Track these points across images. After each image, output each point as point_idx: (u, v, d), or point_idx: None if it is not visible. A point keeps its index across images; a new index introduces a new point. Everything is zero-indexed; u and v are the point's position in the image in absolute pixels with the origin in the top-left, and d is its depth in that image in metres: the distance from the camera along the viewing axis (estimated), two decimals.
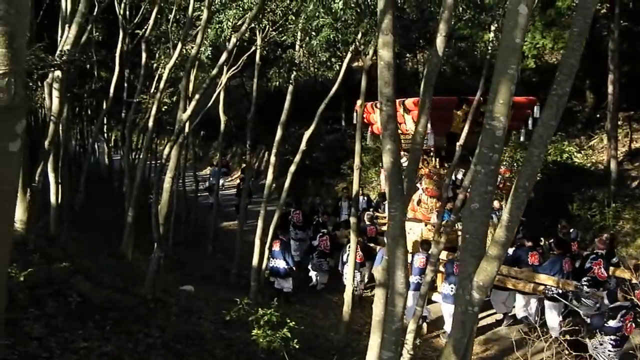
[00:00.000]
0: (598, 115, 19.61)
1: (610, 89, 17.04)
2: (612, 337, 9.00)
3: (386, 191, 5.01)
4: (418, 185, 13.21)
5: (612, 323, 9.02)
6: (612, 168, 16.78)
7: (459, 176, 13.78)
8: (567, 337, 7.91)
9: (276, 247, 13.24)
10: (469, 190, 9.46)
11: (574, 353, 8.64)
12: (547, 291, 10.84)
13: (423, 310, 9.38)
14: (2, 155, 2.37)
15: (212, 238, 17.92)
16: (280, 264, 13.28)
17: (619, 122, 18.11)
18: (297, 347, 7.08)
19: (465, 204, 4.24)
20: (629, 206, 15.34)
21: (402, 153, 12.83)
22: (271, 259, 13.13)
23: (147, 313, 8.18)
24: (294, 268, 13.81)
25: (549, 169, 16.77)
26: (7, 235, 2.62)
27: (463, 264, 4.11)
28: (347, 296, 10.55)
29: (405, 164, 6.80)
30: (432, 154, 13.68)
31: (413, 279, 11.05)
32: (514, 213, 3.92)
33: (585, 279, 10.63)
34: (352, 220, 10.83)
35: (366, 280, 13.88)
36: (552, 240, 12.65)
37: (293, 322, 7.24)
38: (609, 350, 8.97)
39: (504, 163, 14.39)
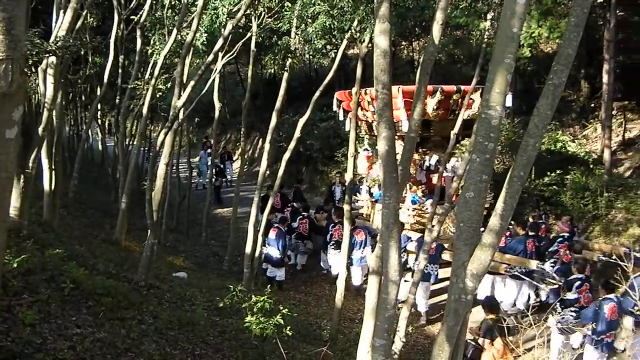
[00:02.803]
0: (592, 105, 19.62)
1: (605, 78, 17.06)
2: (572, 309, 9.58)
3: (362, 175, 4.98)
4: None
5: (569, 295, 9.63)
6: (605, 157, 16.83)
7: (432, 162, 14.13)
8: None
9: (272, 235, 13.24)
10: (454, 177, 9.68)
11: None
12: (509, 270, 11.49)
13: (415, 298, 9.40)
14: None
15: (206, 225, 17.91)
16: (274, 252, 13.24)
17: (613, 112, 18.11)
18: (289, 334, 7.13)
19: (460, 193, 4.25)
20: (621, 195, 15.33)
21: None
22: (267, 246, 13.16)
23: (140, 300, 8.20)
24: (286, 258, 13.87)
25: (542, 157, 16.77)
26: (3, 222, 2.62)
27: (457, 252, 4.12)
28: (340, 284, 10.54)
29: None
30: None
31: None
32: (508, 202, 3.93)
33: (552, 260, 11.33)
34: (346, 207, 10.73)
35: None
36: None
37: (286, 310, 7.27)
38: (571, 322, 9.45)
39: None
